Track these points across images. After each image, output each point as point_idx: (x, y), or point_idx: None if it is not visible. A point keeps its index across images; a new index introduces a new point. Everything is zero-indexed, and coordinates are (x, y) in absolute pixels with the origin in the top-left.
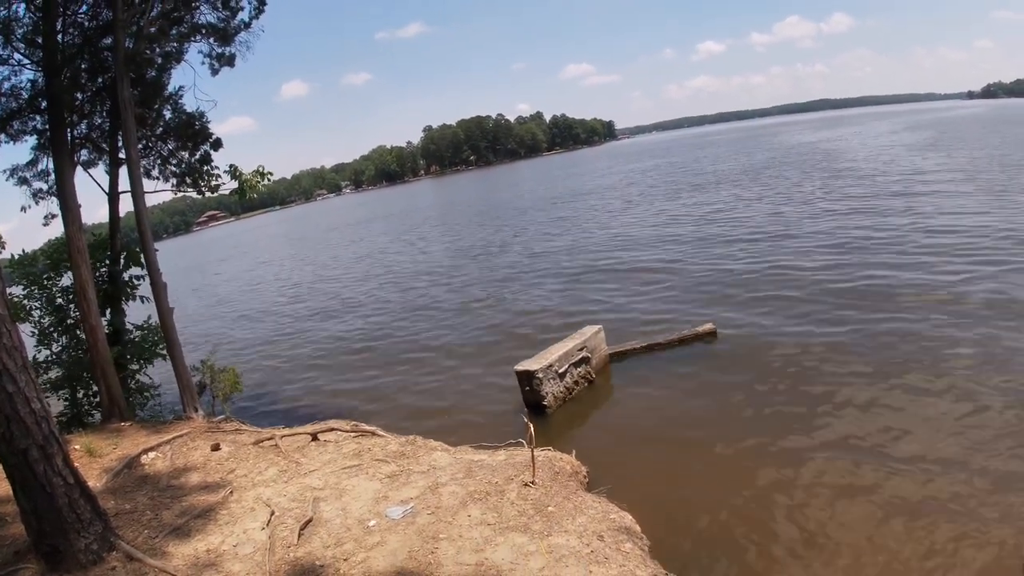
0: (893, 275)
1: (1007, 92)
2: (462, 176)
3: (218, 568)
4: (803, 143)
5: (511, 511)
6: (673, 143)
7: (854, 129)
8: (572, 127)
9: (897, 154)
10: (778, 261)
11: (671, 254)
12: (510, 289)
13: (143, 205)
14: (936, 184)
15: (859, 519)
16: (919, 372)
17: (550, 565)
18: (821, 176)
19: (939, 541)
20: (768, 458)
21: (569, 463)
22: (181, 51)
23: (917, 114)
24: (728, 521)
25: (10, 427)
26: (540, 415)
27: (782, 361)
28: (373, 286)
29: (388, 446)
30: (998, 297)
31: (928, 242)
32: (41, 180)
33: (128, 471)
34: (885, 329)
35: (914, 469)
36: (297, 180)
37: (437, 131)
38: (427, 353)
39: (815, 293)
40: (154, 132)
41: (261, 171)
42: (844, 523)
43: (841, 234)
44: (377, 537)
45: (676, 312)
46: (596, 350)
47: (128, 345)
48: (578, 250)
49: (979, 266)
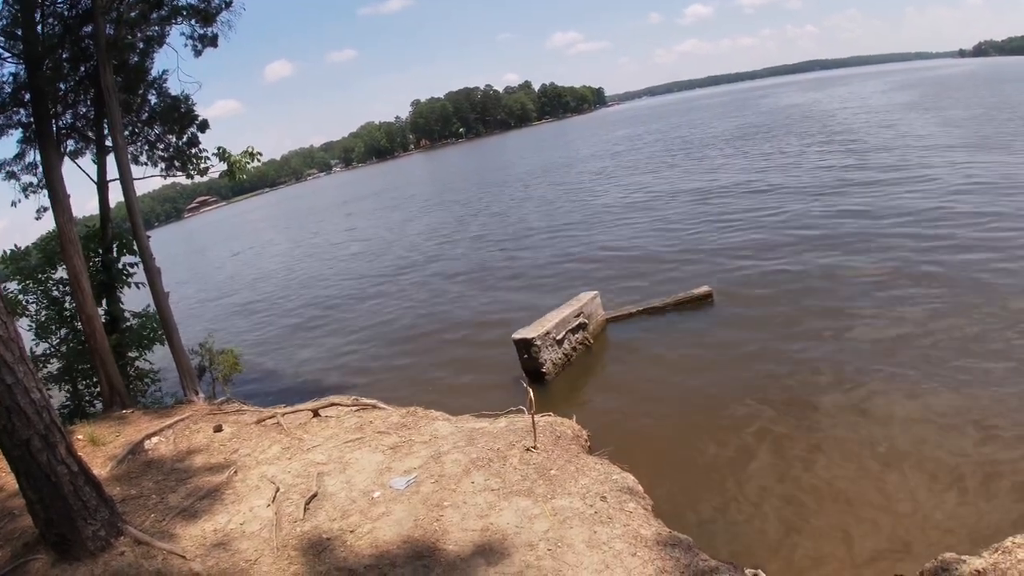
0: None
1: (998, 50)
2: (452, 149)
3: (226, 547)
4: (793, 105)
5: (514, 476)
6: (664, 108)
7: (846, 89)
8: (561, 95)
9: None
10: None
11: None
12: (508, 262)
13: (132, 191)
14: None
15: (861, 474)
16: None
17: (555, 527)
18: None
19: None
20: (767, 417)
21: (570, 427)
22: (163, 34)
23: (907, 73)
24: (729, 479)
25: (11, 418)
26: (539, 382)
27: (779, 321)
28: (366, 263)
29: (389, 418)
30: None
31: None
32: (29, 173)
33: (132, 457)
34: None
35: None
36: (286, 161)
37: (426, 105)
38: (424, 326)
39: (809, 255)
40: (140, 117)
41: (250, 151)
42: (846, 479)
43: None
44: (382, 508)
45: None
46: (593, 316)
47: (126, 333)
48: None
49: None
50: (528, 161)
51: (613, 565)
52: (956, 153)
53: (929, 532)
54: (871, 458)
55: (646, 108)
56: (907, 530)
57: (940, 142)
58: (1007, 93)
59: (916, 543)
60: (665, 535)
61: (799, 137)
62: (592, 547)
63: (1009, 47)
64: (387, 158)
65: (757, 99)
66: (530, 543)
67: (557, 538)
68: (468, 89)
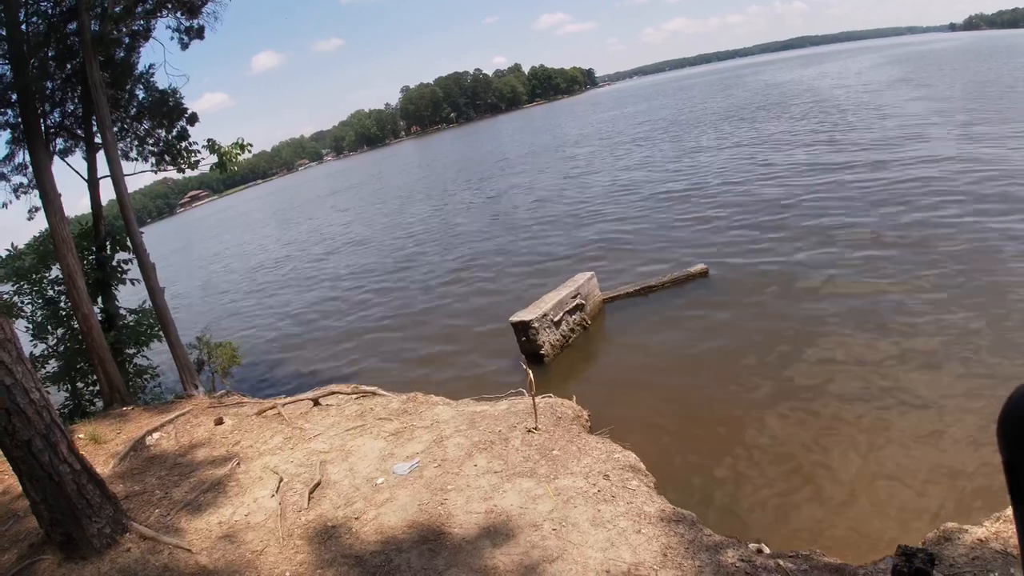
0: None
1: (989, 23)
2: (443, 135)
3: (232, 538)
4: (783, 82)
5: (516, 458)
6: (654, 88)
7: (836, 65)
8: (552, 77)
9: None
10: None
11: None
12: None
13: (123, 187)
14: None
15: (863, 449)
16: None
17: (559, 507)
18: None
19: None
20: (767, 393)
21: (570, 408)
22: (149, 28)
23: (897, 47)
24: (730, 454)
25: (11, 420)
26: (538, 364)
27: (774, 297)
28: (362, 253)
29: (390, 404)
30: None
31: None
32: (20, 174)
33: (134, 454)
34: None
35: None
36: (277, 152)
37: (415, 91)
38: (420, 313)
39: (800, 232)
40: (128, 113)
41: (240, 143)
42: (847, 454)
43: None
44: (386, 494)
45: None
46: (590, 296)
47: (123, 330)
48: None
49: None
50: (519, 144)
51: (618, 542)
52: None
53: (931, 504)
54: (874, 433)
55: (638, 87)
56: (911, 502)
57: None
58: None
59: (920, 515)
60: (669, 512)
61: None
62: (596, 525)
63: (1000, 20)
64: (378, 145)
65: (763, 76)
66: (535, 523)
67: (561, 518)
68: (457, 74)
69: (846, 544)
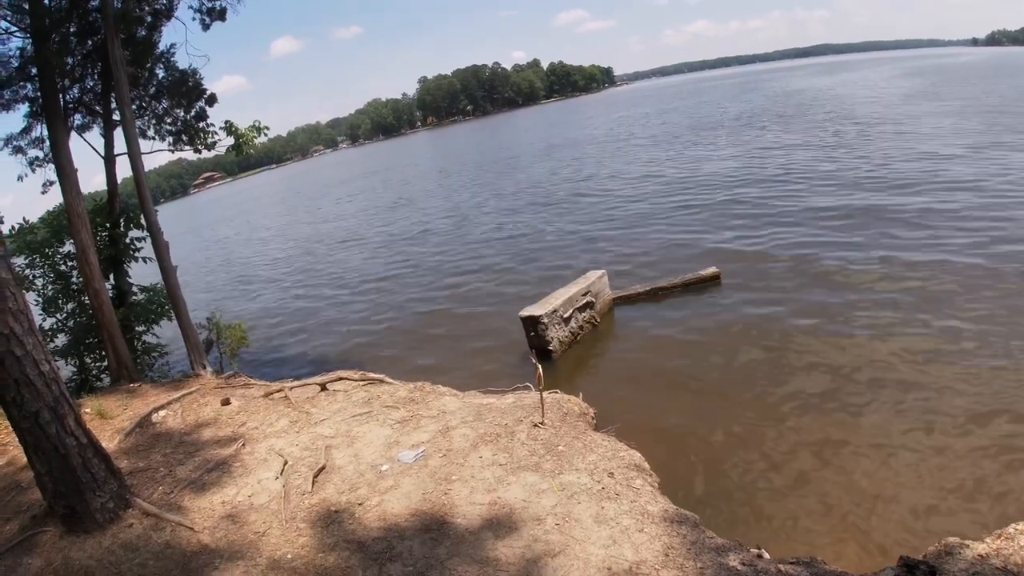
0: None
1: (1011, 40)
2: (460, 127)
3: (235, 519)
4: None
5: (522, 451)
6: (674, 89)
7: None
8: (570, 74)
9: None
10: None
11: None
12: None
13: (140, 165)
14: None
15: (866, 458)
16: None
17: (562, 502)
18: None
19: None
20: (774, 397)
21: (577, 404)
22: (171, 7)
23: (921, 60)
24: (735, 458)
25: (20, 391)
26: (546, 360)
27: (787, 304)
28: (377, 242)
29: (397, 393)
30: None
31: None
32: (36, 148)
33: (140, 430)
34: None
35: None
36: (292, 137)
37: (433, 82)
38: (432, 302)
39: (819, 235)
40: (147, 91)
41: (257, 125)
42: (851, 461)
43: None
44: (390, 481)
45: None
46: (600, 295)
47: (134, 307)
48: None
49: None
50: (541, 137)
51: (620, 540)
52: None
53: (935, 516)
54: (882, 444)
55: (656, 88)
56: (914, 514)
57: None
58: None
59: (922, 527)
60: (672, 512)
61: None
62: (599, 522)
63: (1022, 37)
64: (393, 135)
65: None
66: (538, 517)
67: (565, 513)
68: (476, 67)
69: (848, 553)
